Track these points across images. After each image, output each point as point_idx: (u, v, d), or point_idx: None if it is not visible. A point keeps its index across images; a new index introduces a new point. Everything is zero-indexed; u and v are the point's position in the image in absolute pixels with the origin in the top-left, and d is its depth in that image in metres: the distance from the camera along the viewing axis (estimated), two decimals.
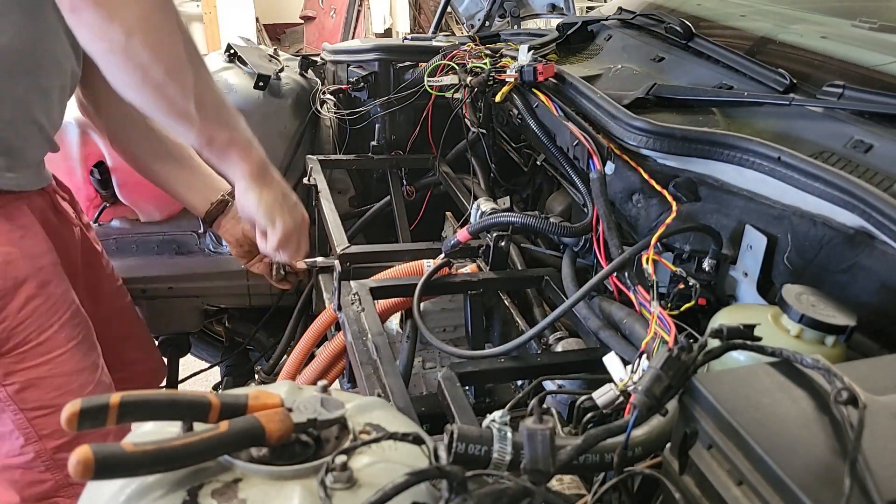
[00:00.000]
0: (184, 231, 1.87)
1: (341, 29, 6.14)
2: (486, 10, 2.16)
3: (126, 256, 1.84)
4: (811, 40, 1.27)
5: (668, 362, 0.54)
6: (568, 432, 0.75)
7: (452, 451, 0.58)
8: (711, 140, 0.92)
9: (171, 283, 1.88)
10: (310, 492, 0.56)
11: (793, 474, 0.45)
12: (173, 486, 0.56)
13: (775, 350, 0.56)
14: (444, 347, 1.03)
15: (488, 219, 1.18)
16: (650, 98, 1.10)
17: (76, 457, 0.52)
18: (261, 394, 0.64)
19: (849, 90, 0.94)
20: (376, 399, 0.75)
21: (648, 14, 1.49)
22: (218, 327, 2.18)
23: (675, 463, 0.56)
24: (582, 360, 0.99)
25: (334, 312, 1.23)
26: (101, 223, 1.79)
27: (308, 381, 1.25)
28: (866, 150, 0.85)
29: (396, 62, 1.80)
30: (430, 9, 6.23)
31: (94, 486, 0.61)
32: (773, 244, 0.86)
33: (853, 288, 0.78)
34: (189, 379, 2.17)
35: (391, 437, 0.60)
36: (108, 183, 1.69)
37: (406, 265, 1.24)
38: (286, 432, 0.60)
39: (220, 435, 0.58)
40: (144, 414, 0.60)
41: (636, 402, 0.54)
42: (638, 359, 0.75)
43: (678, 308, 0.87)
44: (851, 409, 0.47)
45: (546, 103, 1.20)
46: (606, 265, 0.97)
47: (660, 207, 1.01)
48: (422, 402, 0.98)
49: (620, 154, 1.04)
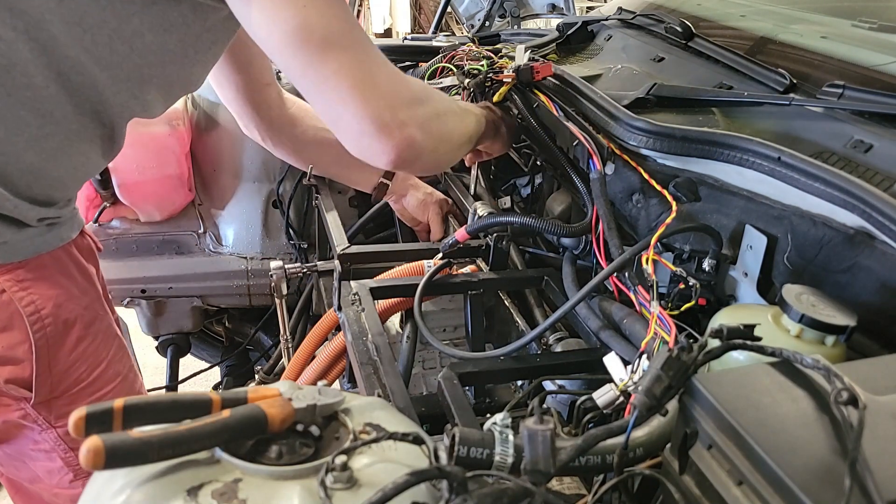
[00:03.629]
0: (184, 231, 1.87)
1: None
2: (486, 11, 2.16)
3: (126, 256, 1.84)
4: (811, 40, 1.27)
5: (669, 362, 0.54)
6: (568, 433, 0.75)
7: (454, 454, 0.58)
8: (711, 140, 0.92)
9: (171, 283, 1.88)
10: (310, 492, 0.56)
11: (793, 474, 0.45)
12: (173, 486, 0.57)
13: (775, 350, 0.56)
14: (445, 348, 1.03)
15: (486, 219, 1.18)
16: (650, 98, 1.10)
17: (86, 447, 0.53)
18: (260, 388, 0.65)
19: (849, 90, 0.94)
20: (376, 399, 0.75)
21: (648, 14, 1.49)
22: (218, 327, 2.18)
23: (675, 463, 0.56)
24: (582, 360, 0.99)
25: (334, 313, 1.23)
26: (101, 223, 1.79)
27: (308, 381, 1.25)
28: (866, 150, 0.85)
29: (396, 62, 1.80)
30: (430, 9, 6.23)
31: (94, 486, 0.61)
32: (773, 244, 0.86)
33: (853, 288, 0.78)
34: (189, 379, 2.17)
35: (391, 437, 0.60)
36: (108, 183, 1.69)
37: (406, 265, 1.24)
38: (288, 417, 0.61)
39: (224, 420, 0.59)
40: (148, 417, 0.61)
41: (636, 402, 0.54)
42: (638, 359, 0.75)
43: (678, 308, 0.87)
44: (851, 409, 0.47)
45: (546, 103, 1.20)
46: (606, 265, 0.97)
47: (660, 207, 1.01)
48: (422, 402, 0.98)
49: (620, 154, 1.04)
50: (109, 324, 1.21)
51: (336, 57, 0.92)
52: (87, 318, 1.14)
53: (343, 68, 0.93)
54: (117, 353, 1.21)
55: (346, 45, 0.93)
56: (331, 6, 0.93)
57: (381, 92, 0.95)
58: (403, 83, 1.02)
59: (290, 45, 0.93)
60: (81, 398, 1.15)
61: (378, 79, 0.96)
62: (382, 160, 0.99)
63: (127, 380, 1.23)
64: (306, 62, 0.93)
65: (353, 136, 0.98)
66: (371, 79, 0.95)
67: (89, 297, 1.16)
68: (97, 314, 1.17)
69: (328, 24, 0.92)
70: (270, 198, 1.88)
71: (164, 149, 1.70)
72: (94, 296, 1.18)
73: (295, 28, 0.91)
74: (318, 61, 0.93)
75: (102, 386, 1.18)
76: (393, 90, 0.97)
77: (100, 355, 1.17)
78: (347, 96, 0.93)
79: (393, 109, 0.95)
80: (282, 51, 0.94)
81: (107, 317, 1.21)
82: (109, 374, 1.19)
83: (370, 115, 0.94)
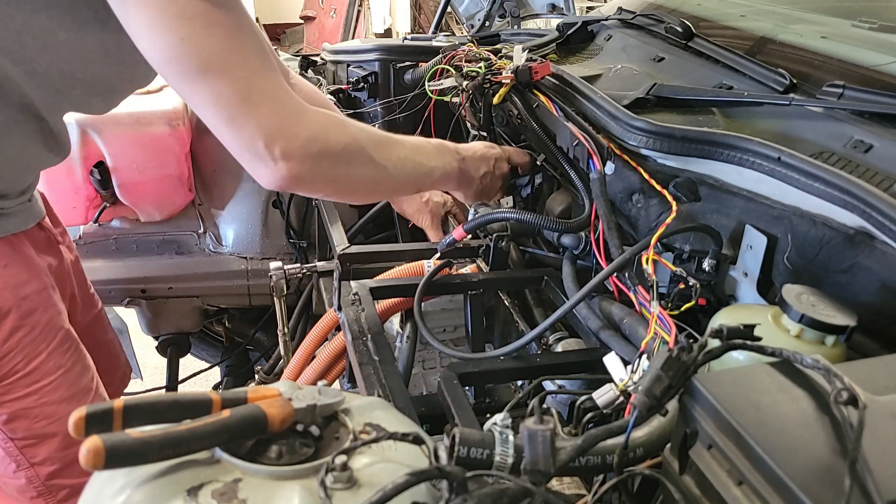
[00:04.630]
0: (184, 231, 1.87)
1: (341, 29, 6.14)
2: (486, 11, 2.16)
3: (126, 256, 1.84)
4: (811, 40, 1.27)
5: (668, 362, 0.54)
6: (568, 433, 0.75)
7: (454, 454, 0.58)
8: (711, 140, 0.92)
9: (171, 283, 1.89)
10: (310, 492, 0.56)
11: (793, 474, 0.45)
12: (173, 486, 0.56)
13: (775, 350, 0.55)
14: (444, 348, 1.03)
15: (484, 216, 1.18)
16: (650, 98, 1.10)
17: (86, 447, 0.53)
18: (260, 388, 0.65)
19: (849, 90, 0.94)
20: (376, 399, 0.75)
21: (648, 14, 1.49)
22: (218, 327, 2.18)
23: (675, 463, 0.56)
24: (582, 360, 0.99)
25: (335, 313, 1.23)
26: (101, 223, 1.79)
27: (308, 381, 1.25)
28: (866, 150, 0.85)
29: (396, 62, 1.80)
30: (430, 9, 6.22)
31: (94, 486, 0.61)
32: (773, 244, 0.86)
33: (853, 288, 0.78)
34: (189, 379, 2.18)
35: (391, 437, 0.60)
36: (108, 183, 1.69)
37: (406, 265, 1.24)
38: (288, 417, 0.61)
39: (224, 420, 0.59)
40: (149, 417, 0.61)
41: (636, 402, 0.54)
42: (638, 359, 0.75)
43: (678, 308, 0.87)
44: (851, 409, 0.47)
45: (546, 103, 1.20)
46: (606, 265, 0.97)
47: (660, 207, 1.01)
48: (422, 402, 0.98)
49: (620, 154, 1.04)
50: (52, 316, 1.22)
51: (212, 88, 0.90)
52: (24, 309, 1.16)
53: (221, 98, 0.90)
54: (60, 345, 1.22)
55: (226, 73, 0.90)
56: (211, 34, 0.89)
57: (257, 125, 0.92)
58: (293, 116, 0.96)
59: (168, 73, 0.92)
60: (17, 388, 1.17)
61: (260, 109, 0.92)
62: (264, 184, 0.98)
63: (71, 372, 1.24)
64: (185, 90, 0.92)
65: (236, 155, 0.96)
66: (251, 110, 0.92)
67: (30, 289, 1.17)
68: (37, 306, 1.18)
69: (206, 54, 0.89)
70: (270, 198, 1.88)
71: (164, 149, 1.70)
72: (38, 287, 1.19)
73: (171, 58, 0.89)
74: (195, 93, 0.91)
75: (40, 378, 1.19)
76: (273, 123, 0.93)
77: (38, 347, 1.18)
78: (223, 126, 0.92)
79: (270, 140, 0.92)
80: (162, 72, 0.93)
81: (51, 309, 1.22)
82: (49, 366, 1.20)
83: (245, 146, 0.93)
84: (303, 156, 0.95)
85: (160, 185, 1.74)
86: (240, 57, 0.92)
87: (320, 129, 0.98)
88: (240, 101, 0.91)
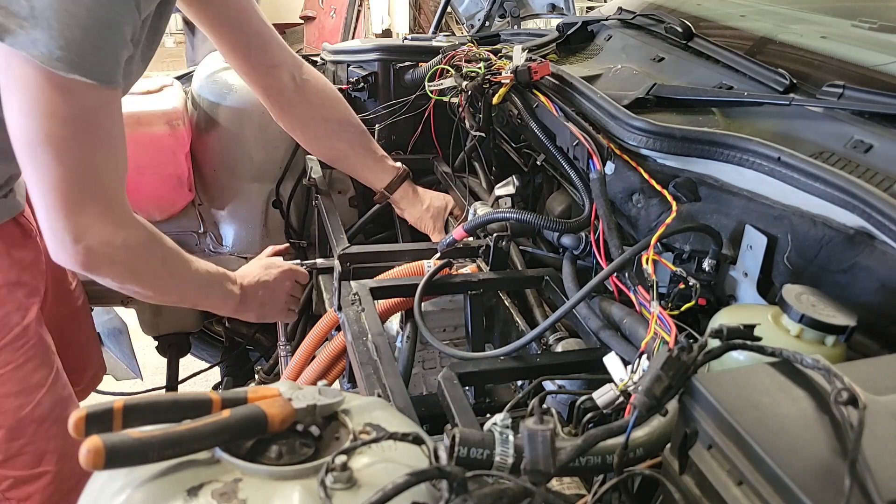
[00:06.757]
0: (184, 231, 1.87)
1: (341, 29, 6.13)
2: (486, 11, 2.16)
3: None
4: (811, 40, 1.27)
5: (668, 362, 0.54)
6: (568, 433, 0.75)
7: (454, 455, 0.58)
8: (711, 140, 0.92)
9: None
10: (310, 492, 0.56)
11: (793, 474, 0.45)
12: (173, 486, 0.57)
13: (775, 350, 0.56)
14: (445, 348, 1.03)
15: (484, 216, 1.18)
16: (650, 98, 1.10)
17: (86, 447, 0.53)
18: (260, 388, 0.65)
19: (849, 90, 0.94)
20: (376, 399, 0.75)
21: (648, 14, 1.49)
22: (218, 327, 2.18)
23: (675, 463, 0.56)
24: (582, 360, 0.99)
25: (335, 313, 1.23)
26: None
27: (308, 381, 1.25)
28: (866, 150, 0.85)
29: (396, 62, 1.80)
30: (430, 9, 6.22)
31: (94, 486, 0.61)
32: (773, 244, 0.86)
33: (853, 288, 0.78)
34: (189, 379, 2.17)
35: (391, 437, 0.60)
36: None
37: (406, 265, 1.24)
38: (288, 417, 0.61)
39: (224, 419, 0.59)
40: (149, 417, 0.61)
41: (636, 402, 0.54)
42: (638, 359, 0.75)
43: (678, 308, 0.87)
44: (851, 409, 0.47)
45: (546, 103, 1.20)
46: (606, 265, 0.97)
47: (660, 207, 1.01)
48: (422, 402, 0.98)
49: (620, 154, 1.04)
50: (9, 312, 1.24)
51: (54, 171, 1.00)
52: None
53: (52, 191, 1.01)
54: (14, 342, 1.25)
55: (62, 167, 1.00)
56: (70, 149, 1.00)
57: (76, 224, 1.03)
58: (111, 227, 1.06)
59: (17, 151, 1.02)
60: None
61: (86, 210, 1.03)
62: (58, 261, 1.07)
63: (22, 369, 1.26)
64: (26, 169, 1.02)
65: (44, 234, 1.06)
66: (76, 206, 1.02)
67: None
68: None
69: (51, 143, 0.99)
70: (270, 198, 1.88)
71: (163, 149, 1.70)
72: None
73: (26, 143, 1.00)
74: (35, 178, 1.01)
75: None
76: (91, 229, 1.04)
77: None
78: (42, 211, 1.03)
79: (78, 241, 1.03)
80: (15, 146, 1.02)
81: (8, 305, 1.25)
82: None
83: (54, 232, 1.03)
84: (100, 260, 1.07)
85: (160, 185, 1.74)
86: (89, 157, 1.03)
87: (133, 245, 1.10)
88: (66, 199, 1.02)
